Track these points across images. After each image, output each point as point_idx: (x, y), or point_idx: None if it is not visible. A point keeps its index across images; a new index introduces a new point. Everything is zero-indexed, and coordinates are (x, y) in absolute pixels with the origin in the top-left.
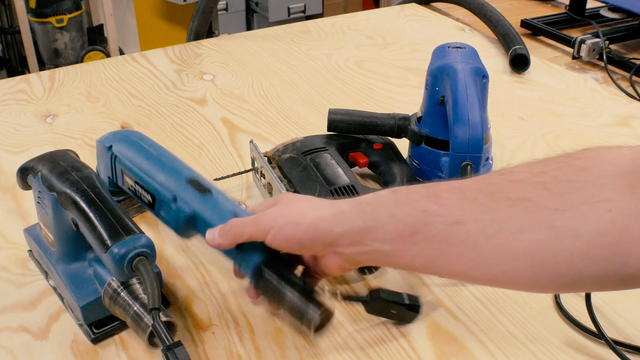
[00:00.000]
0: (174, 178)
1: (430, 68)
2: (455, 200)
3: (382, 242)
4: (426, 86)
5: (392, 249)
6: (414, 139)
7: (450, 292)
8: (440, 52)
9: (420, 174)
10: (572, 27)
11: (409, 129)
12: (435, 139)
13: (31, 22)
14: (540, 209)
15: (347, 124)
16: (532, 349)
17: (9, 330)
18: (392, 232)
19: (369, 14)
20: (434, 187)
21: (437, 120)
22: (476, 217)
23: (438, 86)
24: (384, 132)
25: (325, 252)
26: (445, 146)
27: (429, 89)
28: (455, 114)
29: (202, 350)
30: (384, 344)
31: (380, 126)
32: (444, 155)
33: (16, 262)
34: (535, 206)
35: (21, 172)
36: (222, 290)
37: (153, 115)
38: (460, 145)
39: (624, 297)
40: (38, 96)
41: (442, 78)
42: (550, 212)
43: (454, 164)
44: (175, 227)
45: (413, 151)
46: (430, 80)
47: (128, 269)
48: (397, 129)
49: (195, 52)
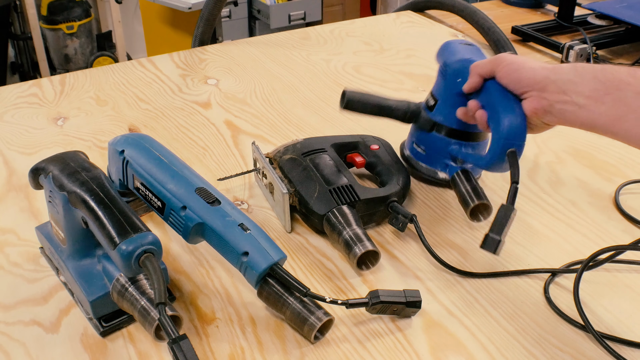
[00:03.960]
0: (184, 187)
1: (448, 60)
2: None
3: (580, 95)
4: (443, 76)
5: (586, 103)
6: (425, 125)
7: (444, 288)
8: (455, 46)
9: (426, 159)
10: (560, 33)
11: (420, 116)
12: (448, 127)
13: (43, 29)
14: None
15: (363, 104)
16: (522, 341)
17: (21, 324)
18: (590, 89)
19: (366, 21)
20: (633, 68)
21: (453, 109)
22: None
23: (461, 78)
24: (396, 116)
25: (531, 95)
26: (457, 135)
27: (449, 79)
28: (501, 103)
29: (206, 343)
30: (381, 337)
31: (394, 110)
32: (455, 143)
33: (28, 258)
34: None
35: (33, 173)
36: (226, 286)
37: (159, 118)
38: (509, 133)
39: (610, 292)
40: (49, 100)
41: (467, 70)
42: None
43: (499, 149)
44: (183, 233)
45: (419, 137)
46: (450, 72)
47: (135, 265)
48: (409, 115)
49: (199, 58)
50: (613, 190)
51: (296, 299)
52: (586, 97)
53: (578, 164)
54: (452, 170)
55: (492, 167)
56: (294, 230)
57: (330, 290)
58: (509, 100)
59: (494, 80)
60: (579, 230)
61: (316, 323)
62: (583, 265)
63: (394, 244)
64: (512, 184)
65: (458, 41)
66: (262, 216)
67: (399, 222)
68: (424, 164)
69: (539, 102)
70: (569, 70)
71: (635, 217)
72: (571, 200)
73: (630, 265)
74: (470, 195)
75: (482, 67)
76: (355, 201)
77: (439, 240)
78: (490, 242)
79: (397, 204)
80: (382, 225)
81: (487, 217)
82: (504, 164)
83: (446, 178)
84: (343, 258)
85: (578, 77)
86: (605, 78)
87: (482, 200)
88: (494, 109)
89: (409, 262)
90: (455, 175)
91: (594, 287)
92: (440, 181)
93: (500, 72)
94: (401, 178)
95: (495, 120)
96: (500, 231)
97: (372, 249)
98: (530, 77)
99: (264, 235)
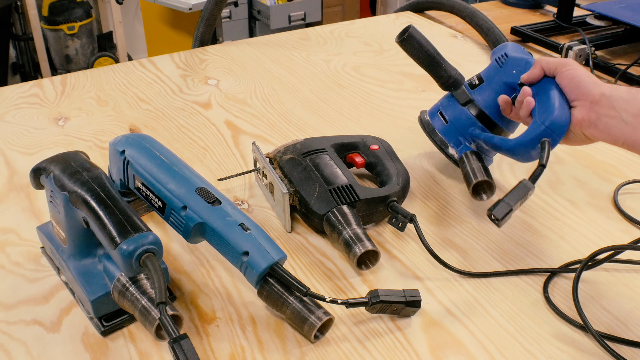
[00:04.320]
0: (185, 187)
1: (511, 53)
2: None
3: (629, 113)
4: (500, 64)
5: (632, 121)
6: (461, 97)
7: (444, 287)
8: (519, 48)
9: (443, 130)
10: (559, 34)
11: (461, 88)
12: (481, 109)
13: (44, 30)
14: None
15: (420, 45)
16: (522, 341)
17: (22, 323)
18: (639, 109)
19: (366, 22)
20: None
21: (495, 95)
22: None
23: (517, 70)
24: (440, 75)
25: (583, 105)
26: (484, 119)
27: (504, 67)
28: (555, 97)
29: (206, 342)
30: (381, 336)
31: (443, 68)
32: (478, 127)
33: (29, 258)
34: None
35: (34, 173)
36: (226, 285)
37: (160, 118)
38: (553, 124)
39: (609, 291)
40: (50, 100)
41: (526, 67)
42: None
43: (537, 134)
44: (183, 233)
45: (450, 107)
46: (509, 61)
47: (136, 264)
48: (452, 81)
49: (200, 58)
50: (612, 191)
51: (296, 299)
52: (633, 115)
53: (577, 164)
54: (463, 150)
55: (518, 149)
56: (294, 230)
57: (330, 289)
58: (563, 98)
59: (552, 79)
60: (578, 230)
61: (316, 322)
62: (582, 265)
63: (394, 244)
64: (539, 165)
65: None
66: (262, 216)
67: (399, 222)
68: (440, 133)
69: (588, 113)
70: (624, 90)
71: (634, 217)
72: (570, 200)
73: (629, 265)
74: (475, 172)
75: (548, 62)
76: (355, 201)
77: (438, 240)
78: (502, 207)
79: (397, 204)
80: (381, 225)
81: (489, 197)
82: (531, 151)
83: (454, 155)
84: (343, 258)
85: (630, 96)
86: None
87: (486, 177)
88: (547, 100)
89: (408, 262)
90: (465, 155)
91: (593, 286)
92: (448, 156)
93: (563, 73)
94: (401, 178)
95: (544, 108)
96: (515, 201)
97: (371, 249)
98: (590, 87)
99: (264, 235)
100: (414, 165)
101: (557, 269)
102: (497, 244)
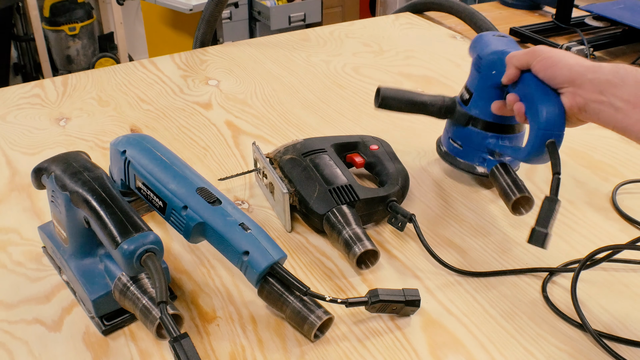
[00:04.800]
0: (185, 187)
1: (482, 52)
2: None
3: (618, 98)
4: (478, 69)
5: (623, 107)
6: (461, 120)
7: (443, 287)
8: (488, 38)
9: (463, 154)
10: (558, 34)
11: (456, 110)
12: (485, 120)
13: (45, 30)
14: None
15: (399, 101)
16: (520, 340)
17: (24, 322)
18: (630, 94)
19: (366, 23)
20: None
21: (489, 102)
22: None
23: (496, 70)
24: (431, 112)
25: (567, 91)
26: (493, 128)
27: (483, 72)
28: (539, 94)
29: (207, 341)
30: (380, 335)
31: (429, 106)
32: (491, 136)
33: (31, 257)
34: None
35: (36, 173)
36: (226, 284)
37: (161, 118)
38: (548, 124)
39: (608, 291)
40: (52, 100)
41: (502, 63)
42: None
43: (538, 141)
44: (184, 232)
45: (456, 132)
46: (484, 64)
47: (137, 264)
48: (445, 110)
49: (200, 59)
50: (610, 190)
51: (296, 298)
52: (624, 100)
53: (575, 164)
54: (490, 164)
55: (532, 159)
56: (294, 230)
57: (330, 289)
58: (546, 91)
59: (530, 72)
60: (577, 229)
61: (316, 322)
62: (581, 264)
63: (393, 244)
64: (554, 175)
65: (491, 33)
66: (262, 216)
67: (398, 221)
68: (461, 159)
69: (574, 98)
70: (609, 71)
71: (632, 216)
72: (569, 200)
73: (627, 264)
74: (512, 188)
75: (518, 59)
76: (354, 201)
77: (437, 239)
78: (538, 236)
79: (396, 204)
80: (381, 224)
81: (528, 211)
82: (544, 155)
83: (485, 172)
84: (343, 257)
85: (619, 79)
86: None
87: (523, 193)
88: (531, 101)
89: (408, 262)
90: (494, 169)
91: (592, 286)
92: (480, 175)
93: (535, 65)
94: (400, 178)
95: (533, 111)
96: (547, 224)
97: (371, 248)
98: (566, 74)
99: (265, 234)
100: (413, 165)
101: (555, 268)
102: (496, 243)
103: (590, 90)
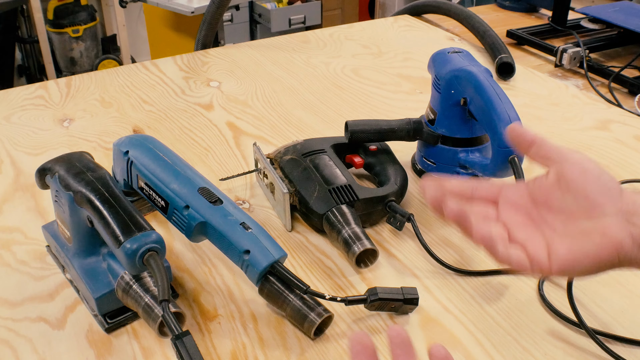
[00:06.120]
0: (187, 187)
1: (439, 73)
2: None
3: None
4: (437, 90)
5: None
6: (430, 139)
7: (441, 285)
8: (443, 57)
9: (437, 170)
10: (554, 37)
11: (423, 131)
12: (453, 137)
13: (49, 33)
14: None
15: (367, 133)
16: (517, 338)
17: (28, 320)
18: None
19: (365, 25)
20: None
21: (453, 120)
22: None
23: (454, 89)
24: (400, 137)
25: (610, 215)
26: (462, 143)
27: (443, 92)
28: (494, 112)
29: (208, 339)
30: (379, 333)
31: (397, 132)
32: (461, 151)
33: (35, 256)
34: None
35: (39, 173)
36: (228, 283)
37: (163, 119)
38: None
39: (603, 289)
40: (55, 102)
41: (458, 81)
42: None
43: (500, 158)
44: (186, 232)
45: (427, 151)
46: (443, 84)
47: (139, 263)
48: (412, 133)
49: (202, 61)
50: None
51: (296, 296)
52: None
53: None
54: None
55: (499, 175)
56: (294, 229)
57: (330, 287)
58: (502, 107)
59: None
60: None
61: (316, 320)
62: None
63: (392, 243)
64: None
65: (447, 50)
66: (263, 215)
67: (397, 221)
68: (436, 175)
69: (627, 225)
70: None
71: None
72: None
73: None
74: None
75: (549, 149)
76: (354, 201)
77: (435, 239)
78: None
79: (395, 204)
80: (380, 224)
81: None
82: (509, 171)
83: None
84: (342, 256)
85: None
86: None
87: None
88: (489, 119)
89: (406, 260)
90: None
91: (587, 284)
92: None
93: (562, 170)
94: (399, 178)
95: (491, 129)
96: None
97: (370, 248)
98: (614, 187)
99: (265, 233)
100: (411, 165)
101: None
102: None
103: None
